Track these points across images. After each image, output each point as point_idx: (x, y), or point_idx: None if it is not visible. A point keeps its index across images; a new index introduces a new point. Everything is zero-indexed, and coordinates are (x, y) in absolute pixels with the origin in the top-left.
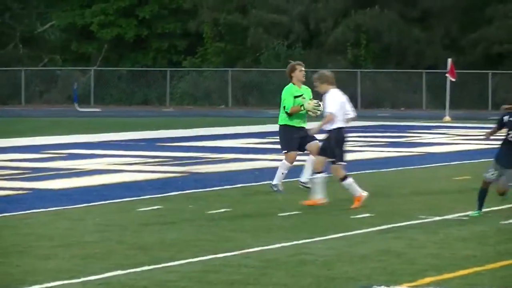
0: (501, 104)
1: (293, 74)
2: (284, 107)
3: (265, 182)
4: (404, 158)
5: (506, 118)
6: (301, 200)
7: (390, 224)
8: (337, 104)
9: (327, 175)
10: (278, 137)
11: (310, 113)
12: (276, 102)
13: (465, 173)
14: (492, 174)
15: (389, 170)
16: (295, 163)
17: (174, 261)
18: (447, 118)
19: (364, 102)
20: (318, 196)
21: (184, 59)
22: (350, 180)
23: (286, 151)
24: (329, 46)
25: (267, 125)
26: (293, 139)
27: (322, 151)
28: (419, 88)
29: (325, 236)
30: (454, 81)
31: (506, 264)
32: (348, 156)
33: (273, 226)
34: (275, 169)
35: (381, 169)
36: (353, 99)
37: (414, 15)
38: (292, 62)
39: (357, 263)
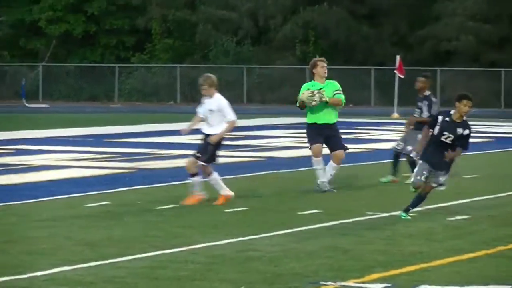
0: (450, 101)
1: (314, 70)
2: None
3: None
4: (352, 155)
5: (440, 118)
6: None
7: (337, 220)
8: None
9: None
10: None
11: (305, 103)
12: (225, 98)
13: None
14: (421, 176)
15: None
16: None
17: (121, 257)
18: (395, 114)
19: None
20: (197, 193)
21: (133, 55)
22: (216, 176)
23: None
24: (278, 42)
25: None
26: (312, 135)
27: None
28: (367, 85)
29: (272, 232)
30: (403, 78)
31: (452, 261)
32: (300, 153)
33: (220, 222)
34: (223, 165)
35: None
36: None
37: (362, 12)
38: (314, 58)
39: (304, 259)
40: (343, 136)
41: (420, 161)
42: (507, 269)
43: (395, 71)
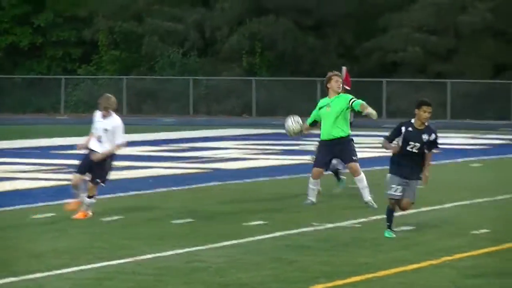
0: (396, 112)
1: (328, 85)
2: None
3: (159, 190)
4: (298, 166)
5: (403, 128)
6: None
7: (283, 231)
8: None
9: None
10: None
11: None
12: (171, 110)
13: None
14: (396, 190)
15: (284, 178)
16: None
17: (67, 268)
18: None
19: (259, 110)
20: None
21: (79, 67)
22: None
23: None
24: (224, 54)
25: (161, 133)
26: (319, 155)
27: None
28: (313, 96)
29: (218, 243)
30: (349, 89)
31: (398, 271)
32: (246, 164)
33: (166, 234)
34: (169, 177)
35: (276, 176)
36: (248, 107)
37: (309, 23)
38: (330, 73)
39: (250, 270)
40: (287, 148)
41: (389, 175)
42: (452, 279)
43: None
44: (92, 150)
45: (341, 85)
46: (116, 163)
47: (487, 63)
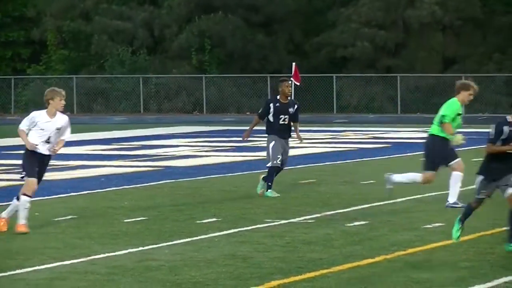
0: (346, 107)
1: (462, 92)
2: (444, 116)
3: (111, 189)
4: (250, 163)
5: (505, 128)
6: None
7: (236, 228)
8: None
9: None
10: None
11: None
12: (121, 108)
13: (310, 177)
14: (482, 192)
15: (235, 175)
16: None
17: (20, 269)
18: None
19: (210, 107)
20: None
21: (28, 66)
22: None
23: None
24: (174, 52)
25: (112, 131)
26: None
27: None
28: (263, 93)
29: (171, 241)
30: (299, 85)
31: (352, 266)
32: (195, 161)
33: (119, 233)
34: (120, 175)
35: (227, 173)
36: (198, 104)
37: (257, 20)
38: (466, 81)
39: (204, 268)
40: (238, 145)
41: (481, 177)
42: (406, 274)
43: (291, 79)
44: (44, 155)
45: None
46: (68, 163)
47: (436, 57)
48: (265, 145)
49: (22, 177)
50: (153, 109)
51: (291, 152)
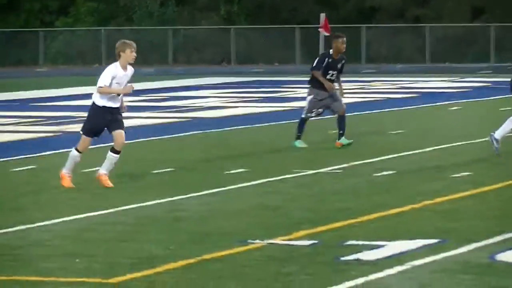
0: (375, 58)
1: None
2: None
3: (139, 140)
4: (279, 113)
5: None
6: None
7: (264, 178)
8: None
9: None
10: None
11: None
12: (150, 60)
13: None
14: None
15: (264, 125)
16: None
17: (49, 220)
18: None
19: (239, 58)
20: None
21: (57, 19)
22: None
23: None
24: (202, 3)
25: (141, 83)
26: None
27: None
28: (292, 44)
29: (200, 192)
30: (328, 35)
31: (379, 216)
32: (225, 113)
33: (147, 184)
34: (149, 126)
35: (256, 124)
36: (227, 56)
37: None
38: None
39: (232, 218)
40: (266, 95)
41: None
42: (433, 223)
43: (320, 29)
44: (116, 108)
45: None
46: None
47: (465, 7)
48: (296, 95)
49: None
50: (182, 60)
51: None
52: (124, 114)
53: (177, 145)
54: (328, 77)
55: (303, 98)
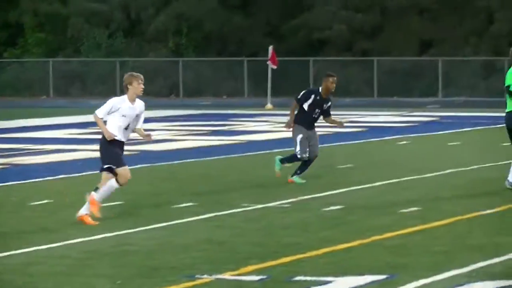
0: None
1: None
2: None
3: (88, 173)
4: (227, 147)
5: None
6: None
7: (213, 212)
8: None
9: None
10: None
11: None
12: (98, 92)
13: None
14: None
15: (212, 159)
16: None
17: None
18: (269, 105)
19: (186, 91)
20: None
21: (5, 50)
22: None
23: None
24: (151, 35)
25: (89, 115)
26: None
27: None
28: (240, 76)
29: (148, 226)
30: (276, 68)
31: (327, 251)
32: (174, 146)
33: (96, 217)
34: (97, 159)
35: (204, 157)
36: (175, 88)
37: (234, 2)
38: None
39: (180, 252)
40: (214, 129)
41: None
42: (382, 258)
43: (268, 62)
44: (122, 142)
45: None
46: (44, 147)
47: (413, 40)
48: (244, 129)
49: (105, 169)
50: None
51: (269, 136)
52: (72, 147)
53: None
54: (313, 115)
55: (251, 132)
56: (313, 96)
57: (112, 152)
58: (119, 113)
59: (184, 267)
